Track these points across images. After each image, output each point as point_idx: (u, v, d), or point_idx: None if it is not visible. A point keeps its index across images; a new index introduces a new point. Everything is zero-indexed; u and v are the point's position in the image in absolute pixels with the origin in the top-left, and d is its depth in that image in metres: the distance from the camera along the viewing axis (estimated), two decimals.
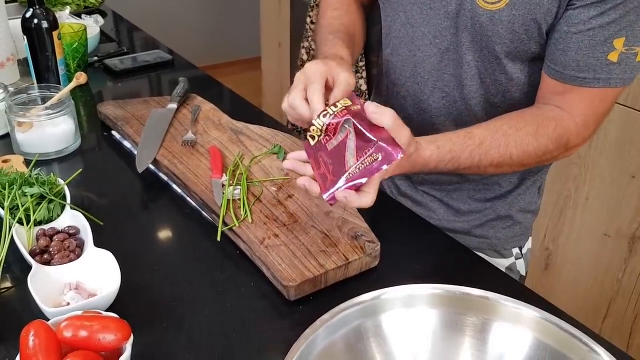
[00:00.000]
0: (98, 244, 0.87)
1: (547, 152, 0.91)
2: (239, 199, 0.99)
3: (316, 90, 0.81)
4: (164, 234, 0.98)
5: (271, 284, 0.87)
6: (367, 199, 0.79)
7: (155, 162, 1.10)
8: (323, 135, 0.82)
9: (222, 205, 0.96)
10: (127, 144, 1.20)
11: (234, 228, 0.93)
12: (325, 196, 0.80)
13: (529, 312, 0.69)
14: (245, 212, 0.95)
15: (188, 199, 1.04)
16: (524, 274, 1.19)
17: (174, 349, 0.77)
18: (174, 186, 1.07)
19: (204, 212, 1.01)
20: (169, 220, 1.01)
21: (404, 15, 1.01)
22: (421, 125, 1.07)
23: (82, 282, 0.82)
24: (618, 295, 1.86)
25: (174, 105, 1.25)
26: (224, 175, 1.04)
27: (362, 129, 0.78)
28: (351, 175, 0.78)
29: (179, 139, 1.16)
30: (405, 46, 1.03)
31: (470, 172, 0.93)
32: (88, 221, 0.94)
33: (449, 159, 0.88)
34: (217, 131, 1.19)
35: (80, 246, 0.88)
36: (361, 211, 0.96)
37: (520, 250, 1.18)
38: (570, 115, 0.91)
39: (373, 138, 0.76)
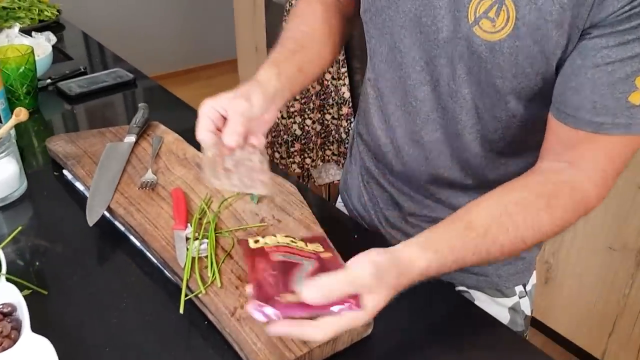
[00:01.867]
0: (39, 318, 0.73)
1: (564, 224, 0.75)
2: (206, 256, 0.84)
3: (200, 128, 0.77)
4: (118, 302, 0.83)
5: None
6: (317, 334, 0.63)
7: (110, 210, 0.95)
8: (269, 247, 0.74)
9: (185, 266, 0.82)
10: (79, 185, 1.05)
11: (199, 295, 0.79)
12: (254, 307, 0.63)
13: None
14: (214, 274, 0.81)
15: (148, 254, 0.90)
16: (528, 313, 1.06)
17: None
18: (133, 238, 0.93)
19: (166, 272, 0.86)
20: (125, 283, 0.86)
21: (390, 37, 0.86)
22: (414, 158, 0.93)
23: None
24: (624, 312, 1.75)
25: (132, 138, 1.11)
26: (189, 225, 0.90)
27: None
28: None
29: (137, 180, 1.01)
30: (394, 72, 0.89)
31: (477, 265, 0.77)
32: (30, 290, 0.80)
33: (452, 261, 0.71)
34: (181, 167, 1.05)
35: (17, 328, 0.74)
36: (345, 254, 0.82)
37: (524, 287, 1.05)
38: (586, 175, 0.75)
39: None
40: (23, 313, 0.73)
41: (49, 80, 1.46)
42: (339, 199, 1.19)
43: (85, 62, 1.63)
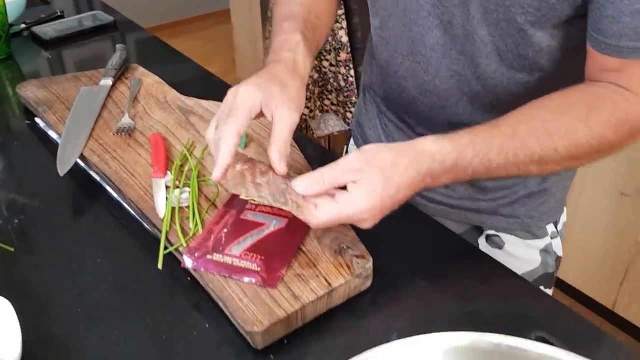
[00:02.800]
0: (3, 279, 0.66)
1: (603, 142, 0.67)
2: (187, 206, 0.76)
3: (230, 134, 0.65)
4: (92, 260, 0.75)
5: (232, 325, 0.65)
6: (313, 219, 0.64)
7: (83, 159, 0.87)
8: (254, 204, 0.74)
9: (164, 217, 0.74)
10: (52, 133, 0.97)
11: (180, 249, 0.71)
12: (185, 251, 0.70)
13: None
14: (196, 225, 0.73)
15: (126, 205, 0.82)
16: (560, 253, 0.97)
17: None
18: (109, 188, 0.84)
19: (144, 223, 0.78)
20: (100, 237, 0.78)
21: None
22: (430, 108, 0.84)
23: None
24: (636, 259, 1.68)
25: (108, 81, 1.01)
26: (168, 172, 0.81)
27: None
28: (223, 257, 0.68)
29: (113, 125, 0.92)
30: (397, 18, 0.79)
31: (505, 175, 0.69)
32: None
33: (472, 155, 0.64)
34: (161, 111, 0.96)
35: None
36: None
37: (555, 227, 0.96)
38: (634, 94, 0.66)
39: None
40: None
41: (23, 25, 1.36)
42: (350, 144, 1.10)
43: (61, 5, 1.52)
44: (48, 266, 0.74)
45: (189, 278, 0.71)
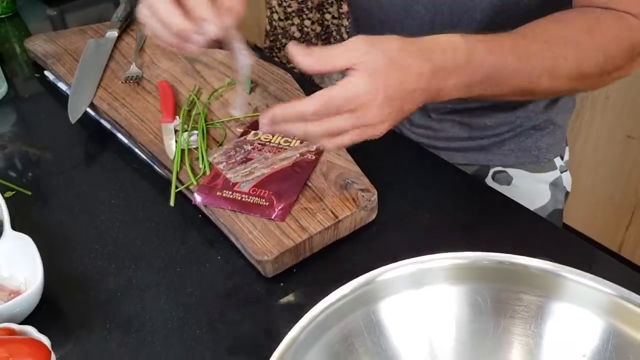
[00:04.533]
0: (22, 220, 0.68)
1: (608, 57, 0.65)
2: (196, 148, 0.79)
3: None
4: (106, 201, 0.78)
5: (243, 256, 0.68)
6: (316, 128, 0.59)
7: (94, 107, 0.89)
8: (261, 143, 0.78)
9: (174, 158, 0.76)
10: (61, 85, 0.98)
11: (191, 187, 0.73)
12: (196, 189, 0.73)
13: (599, 288, 0.49)
14: (204, 165, 0.76)
15: (136, 150, 0.84)
16: (569, 188, 0.98)
17: (120, 355, 0.59)
18: (119, 135, 0.87)
19: (155, 166, 0.81)
20: (113, 180, 0.81)
21: None
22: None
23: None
24: None
25: (114, 33, 1.03)
26: (177, 117, 0.83)
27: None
28: (233, 194, 0.71)
29: (121, 74, 0.94)
30: None
31: (517, 86, 0.64)
32: (13, 191, 0.76)
33: (485, 52, 0.60)
34: (167, 61, 0.97)
35: None
36: (350, 149, 0.76)
37: (562, 160, 0.97)
38: (630, 15, 0.66)
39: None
40: (2, 212, 0.69)
41: None
42: None
43: None
44: (64, 208, 0.77)
45: (200, 215, 0.74)
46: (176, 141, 0.79)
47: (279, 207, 0.69)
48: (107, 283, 0.67)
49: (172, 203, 0.73)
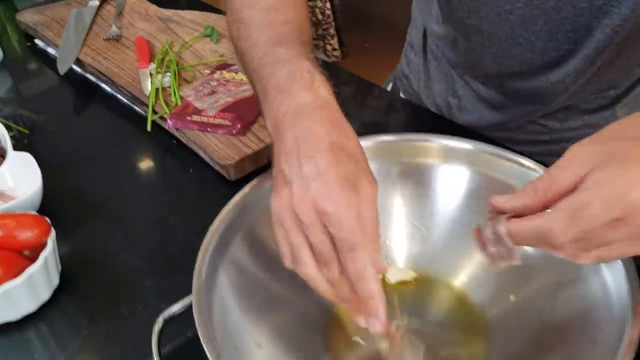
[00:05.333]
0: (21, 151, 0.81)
1: None
2: (169, 86, 0.91)
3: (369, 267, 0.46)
4: (94, 134, 0.90)
5: (211, 168, 0.80)
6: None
7: (79, 63, 1.01)
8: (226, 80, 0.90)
9: (150, 93, 0.89)
10: (50, 50, 1.11)
11: (165, 116, 0.86)
12: (171, 120, 0.84)
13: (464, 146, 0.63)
14: (176, 98, 0.88)
15: (118, 96, 0.96)
16: None
17: (112, 243, 0.72)
18: (103, 85, 0.99)
19: (135, 107, 0.93)
20: (99, 120, 0.94)
21: None
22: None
23: (5, 190, 0.76)
24: None
25: (95, 2, 1.15)
26: (152, 63, 0.96)
27: None
28: (201, 117, 0.83)
29: (103, 35, 1.06)
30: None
31: None
32: (12, 131, 0.88)
33: None
34: (143, 22, 1.10)
35: (2, 154, 0.81)
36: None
37: None
38: None
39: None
40: (5, 137, 0.81)
41: None
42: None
43: None
44: (59, 144, 0.89)
45: (174, 141, 0.86)
46: (151, 82, 0.91)
47: (240, 125, 0.81)
48: (98, 192, 0.79)
49: (148, 128, 0.86)
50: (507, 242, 0.43)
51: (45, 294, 0.63)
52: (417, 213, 0.65)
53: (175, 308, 0.52)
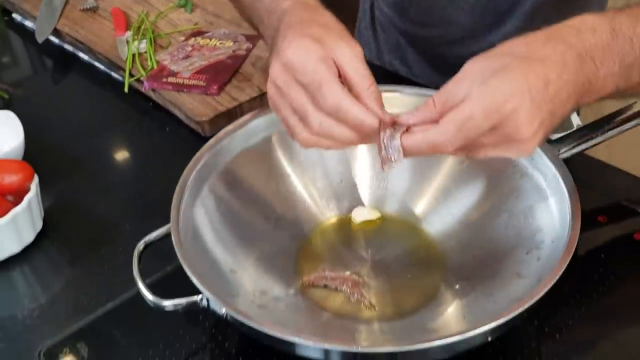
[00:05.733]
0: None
1: None
2: (145, 52, 0.94)
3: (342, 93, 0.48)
4: (73, 99, 0.94)
5: (186, 126, 0.84)
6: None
7: (57, 33, 1.04)
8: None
9: (127, 58, 0.92)
10: (28, 23, 1.13)
11: (141, 78, 0.89)
12: (147, 82, 0.87)
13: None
14: (152, 62, 0.91)
15: (96, 63, 0.99)
16: None
17: (92, 193, 0.75)
18: (80, 54, 1.02)
19: (113, 73, 0.96)
20: (78, 87, 0.98)
21: None
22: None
23: None
24: None
25: None
26: (128, 31, 0.99)
27: None
28: (176, 79, 0.87)
29: (79, 6, 1.09)
30: None
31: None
32: None
33: (627, 22, 0.48)
34: None
35: None
36: None
37: None
38: None
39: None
40: None
41: None
42: None
43: None
44: (40, 109, 0.91)
45: (151, 104, 0.90)
46: (128, 48, 0.95)
47: (215, 85, 0.85)
48: (78, 149, 0.82)
49: (126, 89, 0.89)
50: (399, 151, 0.47)
51: (29, 237, 0.66)
52: None
53: (155, 234, 0.56)
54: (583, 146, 0.63)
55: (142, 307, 0.53)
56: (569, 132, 0.63)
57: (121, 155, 0.82)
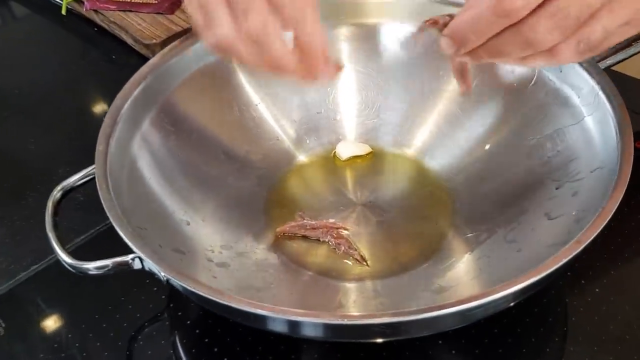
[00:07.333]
0: None
1: None
2: None
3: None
4: (6, 34, 0.80)
5: (136, 53, 0.70)
6: None
7: None
8: None
9: None
10: None
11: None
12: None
13: None
14: None
15: None
16: None
17: (25, 136, 0.63)
18: None
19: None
20: (7, 13, 0.83)
21: None
22: None
23: None
24: None
25: None
26: None
27: None
28: None
29: None
30: None
31: None
32: None
33: None
34: None
35: None
36: None
37: None
38: None
39: None
40: None
41: None
42: None
43: None
44: None
45: (95, 29, 0.75)
46: None
47: (167, 2, 0.71)
48: (12, 87, 0.69)
49: (63, 12, 0.75)
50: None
51: None
52: (369, 79, 0.57)
53: (76, 177, 0.43)
54: (620, 56, 0.50)
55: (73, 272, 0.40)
56: None
57: (59, 89, 0.69)
